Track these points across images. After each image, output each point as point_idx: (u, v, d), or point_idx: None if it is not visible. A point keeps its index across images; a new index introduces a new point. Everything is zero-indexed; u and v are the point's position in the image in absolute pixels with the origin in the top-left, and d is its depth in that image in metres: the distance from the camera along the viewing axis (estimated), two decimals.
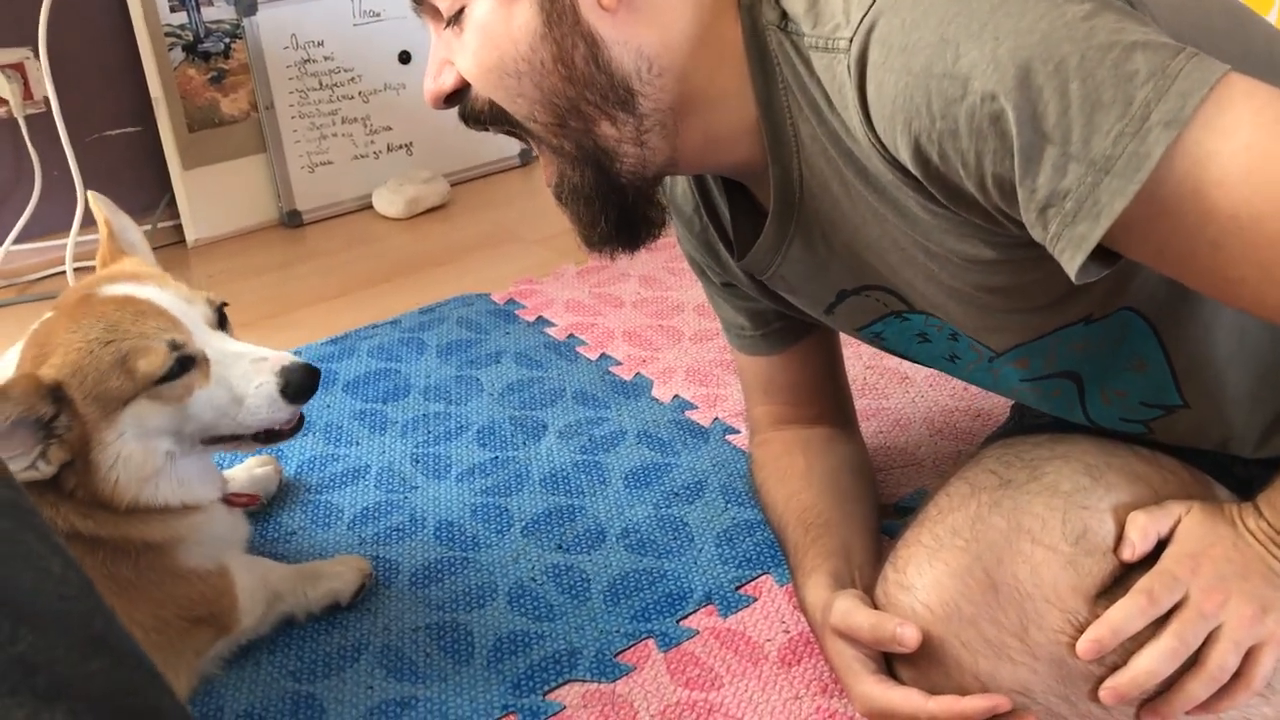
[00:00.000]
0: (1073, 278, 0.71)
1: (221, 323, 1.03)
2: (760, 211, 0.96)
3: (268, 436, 1.04)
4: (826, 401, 1.22)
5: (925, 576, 0.91)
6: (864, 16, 0.77)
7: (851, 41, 0.77)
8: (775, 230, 0.94)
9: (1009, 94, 0.69)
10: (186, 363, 0.97)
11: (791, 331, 1.16)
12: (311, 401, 1.53)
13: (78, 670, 0.44)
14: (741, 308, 1.16)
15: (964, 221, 0.80)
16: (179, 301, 0.99)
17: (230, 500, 1.12)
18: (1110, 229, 0.69)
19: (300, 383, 1.00)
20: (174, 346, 0.96)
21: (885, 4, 0.76)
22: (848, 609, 0.94)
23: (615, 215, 0.93)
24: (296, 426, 1.07)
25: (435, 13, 0.90)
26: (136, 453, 0.97)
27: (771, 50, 0.85)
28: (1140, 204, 0.68)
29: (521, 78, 0.87)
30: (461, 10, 0.87)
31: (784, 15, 0.84)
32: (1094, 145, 0.68)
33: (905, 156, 0.77)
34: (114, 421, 0.95)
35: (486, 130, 0.93)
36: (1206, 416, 0.92)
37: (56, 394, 0.93)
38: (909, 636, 0.89)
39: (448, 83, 0.90)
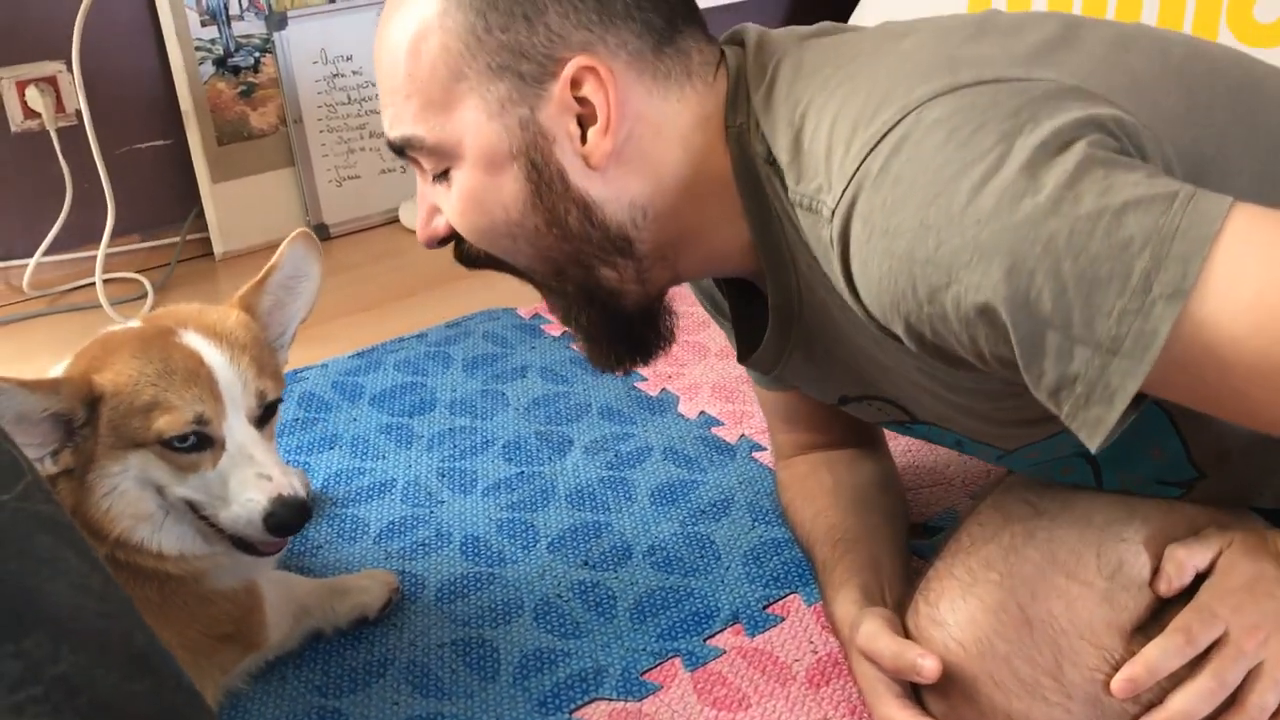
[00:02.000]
0: (1092, 451, 0.69)
1: (266, 417, 1.02)
2: (766, 309, 0.95)
3: (244, 546, 1.02)
4: (850, 426, 1.21)
5: (959, 612, 0.90)
6: (845, 188, 0.75)
7: (834, 213, 0.76)
8: (775, 342, 0.94)
9: (995, 287, 0.67)
10: (204, 442, 0.97)
11: None
12: (338, 415, 1.55)
13: (119, 690, 0.43)
14: None
15: (959, 358, 0.79)
16: (235, 383, 0.98)
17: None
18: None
19: (284, 520, 0.97)
20: (198, 421, 0.96)
21: (866, 176, 0.73)
22: (873, 632, 0.93)
23: (625, 343, 0.94)
24: (280, 547, 1.05)
25: (417, 163, 0.90)
26: (131, 492, 0.97)
27: (762, 183, 0.84)
28: (1154, 374, 0.66)
29: (516, 239, 0.87)
30: (447, 170, 0.87)
31: (770, 151, 0.83)
32: (1097, 326, 0.65)
33: (898, 330, 0.76)
34: (122, 457, 0.96)
35: (482, 269, 0.94)
36: (1226, 488, 0.90)
37: (94, 404, 0.94)
38: (929, 669, 0.88)
39: (440, 229, 0.91)
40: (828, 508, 1.12)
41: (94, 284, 1.96)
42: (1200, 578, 0.84)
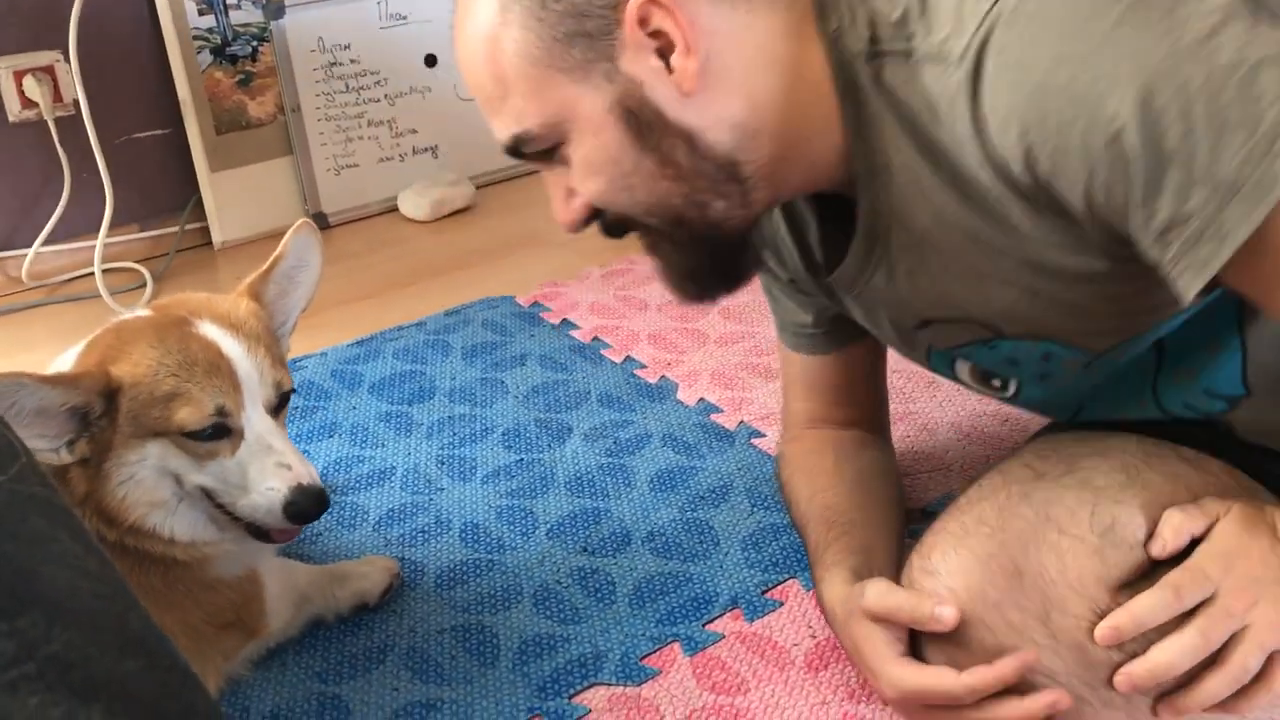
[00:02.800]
0: (1185, 301, 0.71)
1: (280, 406, 1.03)
2: (852, 222, 0.95)
3: (258, 533, 1.02)
4: (865, 406, 1.22)
5: (950, 562, 0.91)
6: (979, 27, 0.76)
7: (965, 53, 0.77)
8: (860, 257, 0.93)
9: (1130, 117, 0.68)
10: (223, 431, 0.97)
11: (847, 332, 1.16)
12: (338, 403, 1.55)
13: (114, 669, 0.44)
14: (805, 303, 1.15)
15: (1078, 236, 0.79)
16: (253, 373, 0.99)
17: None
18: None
19: (304, 509, 0.98)
20: (219, 412, 0.96)
21: (1001, 13, 0.75)
22: (884, 590, 0.94)
23: (719, 277, 0.95)
24: (289, 538, 1.06)
25: (537, 159, 0.91)
26: (148, 480, 0.97)
27: (861, 83, 0.85)
28: (1266, 229, 0.67)
29: (634, 189, 0.88)
30: (556, 148, 0.89)
31: (873, 39, 0.83)
32: (1220, 168, 0.67)
33: (1016, 169, 0.76)
34: (139, 446, 0.96)
35: (623, 237, 0.95)
36: (1269, 417, 0.90)
37: (113, 396, 0.94)
38: (947, 615, 0.88)
39: (579, 211, 0.92)
40: (826, 489, 1.13)
41: (93, 274, 1.96)
42: (1193, 545, 0.84)
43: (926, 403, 1.47)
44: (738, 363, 1.61)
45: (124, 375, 0.94)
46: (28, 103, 1.98)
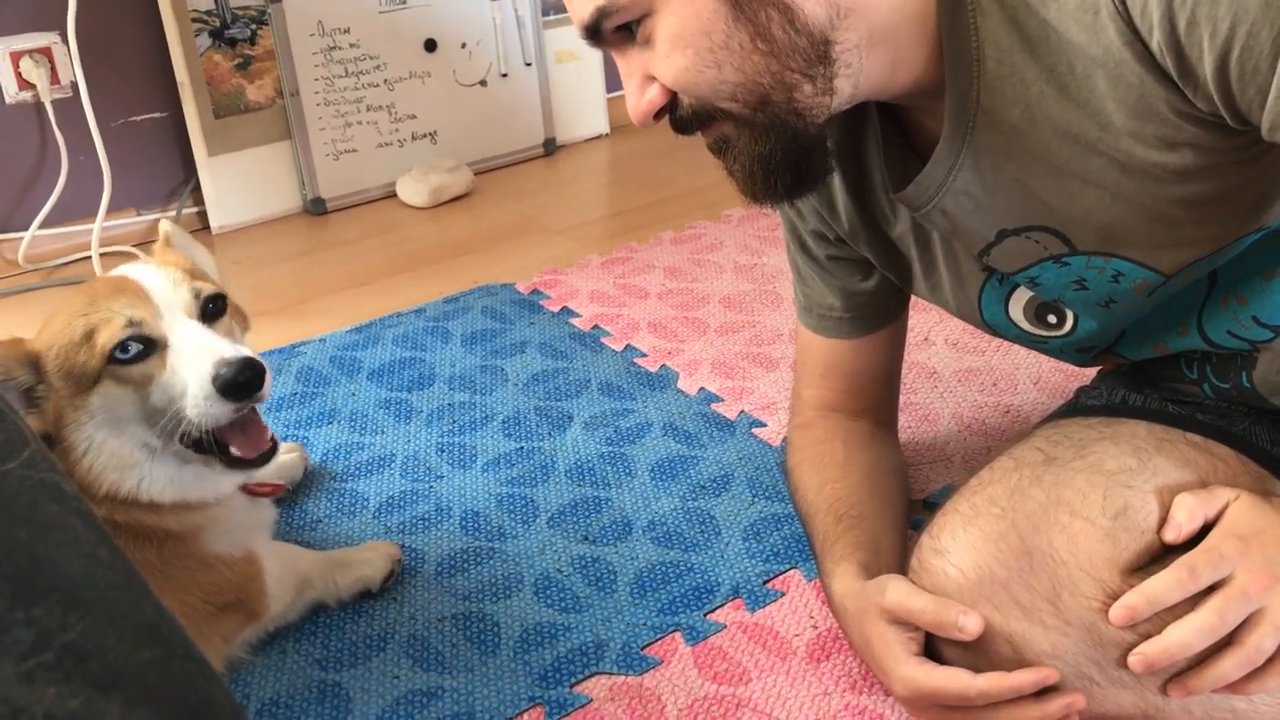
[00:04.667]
0: None
1: (212, 314, 1.01)
2: (914, 151, 0.93)
3: (235, 463, 1.00)
4: (878, 397, 1.22)
5: (959, 540, 0.91)
6: None
7: None
8: (947, 151, 0.90)
9: None
10: (148, 345, 0.96)
11: (874, 318, 1.16)
12: (336, 390, 1.54)
13: (130, 659, 0.43)
14: (835, 286, 1.14)
15: (1176, 127, 0.78)
16: (165, 285, 0.99)
17: (251, 490, 1.11)
18: None
19: (232, 377, 0.93)
20: (131, 323, 0.95)
21: None
22: (907, 592, 0.93)
23: (790, 172, 0.90)
24: (266, 456, 1.02)
25: (617, 41, 0.88)
26: (110, 441, 0.97)
27: None
28: None
29: (722, 66, 0.84)
30: (638, 24, 0.85)
31: None
32: None
33: (1155, 16, 0.73)
34: (84, 402, 0.96)
35: (694, 134, 0.91)
36: None
37: (36, 364, 0.95)
38: (971, 625, 0.88)
39: (656, 98, 0.88)
40: (836, 480, 1.12)
41: (90, 257, 1.95)
42: (1203, 532, 0.85)
43: (928, 394, 1.47)
44: (738, 352, 1.60)
45: (39, 342, 0.97)
46: (25, 84, 1.97)
